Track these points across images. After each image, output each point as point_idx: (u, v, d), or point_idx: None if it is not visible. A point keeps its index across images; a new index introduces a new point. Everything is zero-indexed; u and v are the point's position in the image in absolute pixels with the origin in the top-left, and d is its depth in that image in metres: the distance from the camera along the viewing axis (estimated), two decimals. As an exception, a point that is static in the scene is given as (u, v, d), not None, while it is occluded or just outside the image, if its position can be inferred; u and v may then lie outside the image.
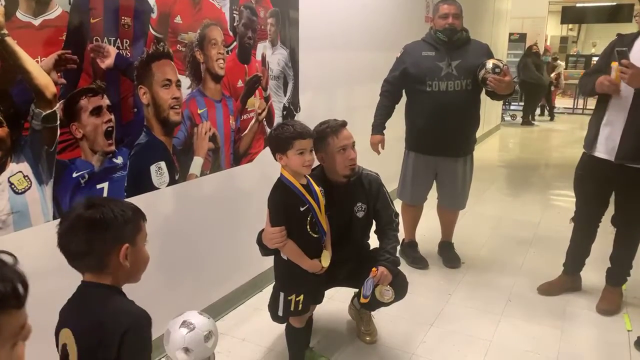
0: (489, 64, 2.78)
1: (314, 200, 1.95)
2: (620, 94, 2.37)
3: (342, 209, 2.15)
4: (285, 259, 1.98)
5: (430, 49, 2.93)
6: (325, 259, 2.00)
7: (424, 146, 3.05)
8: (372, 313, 2.45)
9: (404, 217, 3.27)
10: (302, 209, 1.92)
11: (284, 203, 1.91)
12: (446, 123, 2.89)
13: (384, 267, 2.08)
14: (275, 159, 1.93)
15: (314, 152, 1.93)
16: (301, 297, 1.99)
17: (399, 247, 2.26)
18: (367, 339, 2.40)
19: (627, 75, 2.26)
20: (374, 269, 2.07)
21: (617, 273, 2.70)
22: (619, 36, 2.55)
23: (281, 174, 1.94)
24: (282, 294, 2.02)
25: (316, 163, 2.09)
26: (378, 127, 3.03)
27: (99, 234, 1.17)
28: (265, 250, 2.03)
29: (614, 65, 2.35)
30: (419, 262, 3.25)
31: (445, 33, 2.88)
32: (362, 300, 2.10)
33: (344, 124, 2.10)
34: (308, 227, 1.95)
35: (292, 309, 2.01)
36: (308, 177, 1.98)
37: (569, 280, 2.88)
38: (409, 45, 3.06)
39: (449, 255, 3.33)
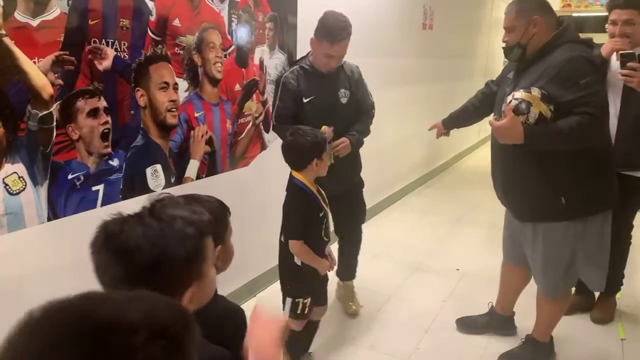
0: (510, 96, 1.91)
1: (326, 205, 1.99)
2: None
3: (328, 94, 2.33)
4: (300, 264, 1.98)
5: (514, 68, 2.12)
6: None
7: (497, 193, 2.28)
8: (355, 290, 2.71)
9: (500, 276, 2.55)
10: (320, 215, 1.95)
11: (309, 211, 1.93)
12: (497, 174, 2.19)
13: (348, 139, 2.30)
14: (305, 166, 1.91)
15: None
16: (308, 300, 2.02)
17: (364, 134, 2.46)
18: (353, 308, 2.66)
19: (635, 79, 2.17)
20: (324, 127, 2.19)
21: (609, 282, 2.62)
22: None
23: (296, 179, 1.94)
24: (289, 299, 2.02)
25: (303, 53, 2.38)
26: (445, 118, 2.56)
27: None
28: None
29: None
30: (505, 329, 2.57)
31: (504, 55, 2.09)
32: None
33: None
34: (323, 232, 1.98)
35: (299, 312, 2.02)
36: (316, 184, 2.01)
37: (581, 300, 2.68)
38: None
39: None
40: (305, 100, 2.32)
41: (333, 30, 2.16)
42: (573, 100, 1.83)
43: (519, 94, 1.87)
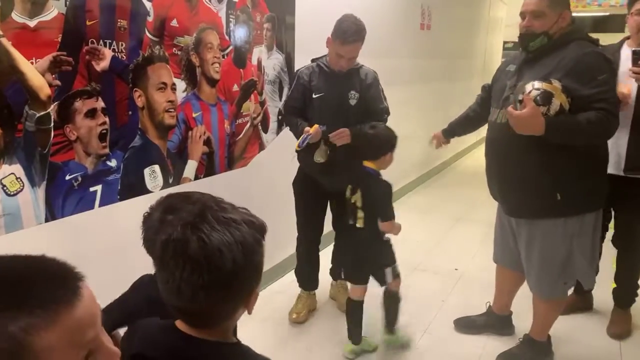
0: (529, 85, 1.84)
1: None
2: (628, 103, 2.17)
3: (338, 93, 2.38)
4: (389, 238, 2.24)
5: (516, 61, 2.12)
6: None
7: (490, 190, 2.28)
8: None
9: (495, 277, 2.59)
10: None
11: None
12: (492, 168, 2.17)
13: (349, 129, 2.31)
14: (379, 157, 2.16)
15: None
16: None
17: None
18: None
19: None
20: (316, 125, 2.27)
21: (623, 294, 2.55)
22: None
23: (370, 169, 2.16)
24: (389, 269, 2.25)
25: (321, 53, 2.42)
26: (445, 128, 2.62)
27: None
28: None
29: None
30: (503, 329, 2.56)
31: (519, 41, 2.04)
32: (296, 147, 2.31)
33: None
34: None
35: (397, 273, 2.29)
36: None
37: (579, 300, 2.70)
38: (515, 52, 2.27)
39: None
40: (314, 96, 2.39)
41: (346, 32, 2.25)
42: (590, 95, 1.80)
43: (539, 84, 1.80)
